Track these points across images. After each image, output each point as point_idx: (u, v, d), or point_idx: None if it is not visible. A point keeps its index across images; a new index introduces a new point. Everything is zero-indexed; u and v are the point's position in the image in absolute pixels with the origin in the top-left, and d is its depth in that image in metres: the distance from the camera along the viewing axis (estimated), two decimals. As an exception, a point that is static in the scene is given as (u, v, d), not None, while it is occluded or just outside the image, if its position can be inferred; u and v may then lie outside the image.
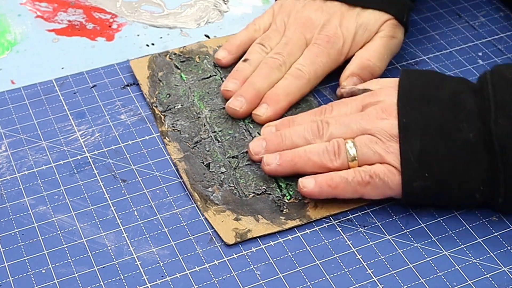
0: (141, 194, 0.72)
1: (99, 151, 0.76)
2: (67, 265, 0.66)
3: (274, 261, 0.66)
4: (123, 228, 0.69)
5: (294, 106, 0.78)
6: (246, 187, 0.71)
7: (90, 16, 0.92)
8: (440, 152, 0.66)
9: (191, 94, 0.80)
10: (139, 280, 0.65)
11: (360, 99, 0.72)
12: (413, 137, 0.67)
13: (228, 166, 0.73)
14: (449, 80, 0.71)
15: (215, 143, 0.75)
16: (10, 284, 0.65)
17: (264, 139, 0.73)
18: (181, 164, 0.73)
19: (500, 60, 0.84)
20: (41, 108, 0.80)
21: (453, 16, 0.91)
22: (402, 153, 0.67)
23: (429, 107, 0.68)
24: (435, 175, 0.66)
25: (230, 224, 0.68)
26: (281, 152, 0.71)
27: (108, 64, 0.85)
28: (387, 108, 0.69)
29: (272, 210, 0.69)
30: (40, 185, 0.72)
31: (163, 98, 0.79)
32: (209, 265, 0.66)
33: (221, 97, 0.79)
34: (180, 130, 0.76)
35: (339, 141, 0.69)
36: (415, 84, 0.70)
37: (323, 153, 0.69)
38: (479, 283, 0.64)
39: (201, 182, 0.71)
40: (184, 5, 0.94)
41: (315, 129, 0.71)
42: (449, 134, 0.66)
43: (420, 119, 0.67)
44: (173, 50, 0.84)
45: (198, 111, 0.78)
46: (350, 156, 0.68)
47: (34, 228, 0.69)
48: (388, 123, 0.68)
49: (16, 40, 0.89)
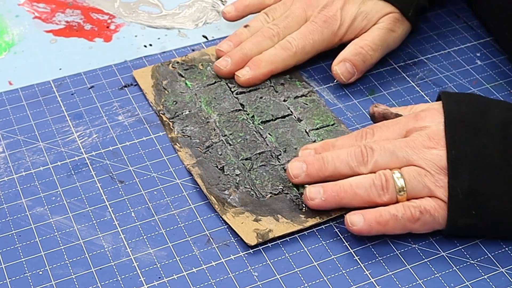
0: (138, 195, 0.72)
1: (96, 152, 0.76)
2: (64, 266, 0.66)
3: (271, 262, 0.66)
4: (121, 230, 0.69)
5: (298, 105, 0.78)
6: (263, 187, 0.71)
7: (88, 17, 0.92)
8: (489, 190, 0.64)
9: (197, 100, 0.79)
10: (136, 281, 0.65)
11: (403, 123, 0.69)
12: (462, 172, 0.64)
13: (243, 168, 0.72)
14: (495, 105, 0.68)
15: (227, 146, 0.74)
16: (7, 285, 0.65)
17: (304, 161, 0.69)
18: (195, 169, 0.72)
19: (498, 60, 0.84)
20: (38, 109, 0.80)
21: (452, 16, 0.91)
22: (450, 189, 0.64)
23: (478, 138, 0.65)
24: (482, 214, 0.64)
25: (251, 225, 0.68)
26: (325, 185, 0.68)
27: (105, 65, 0.85)
28: (434, 136, 0.66)
29: (291, 209, 0.69)
30: (38, 187, 0.72)
31: (169, 105, 0.79)
32: (206, 267, 0.66)
33: (229, 102, 0.79)
34: (190, 135, 0.76)
35: (386, 174, 0.66)
36: (461, 110, 0.67)
37: (370, 188, 0.66)
38: (477, 284, 0.64)
39: (216, 186, 0.71)
40: (182, 6, 0.94)
41: (359, 155, 0.68)
42: (499, 171, 0.64)
43: (469, 152, 0.64)
44: (175, 59, 0.84)
45: (207, 116, 0.77)
46: (398, 187, 0.66)
47: (31, 230, 0.69)
48: (436, 154, 0.65)
49: (13, 41, 0.89)
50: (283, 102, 0.79)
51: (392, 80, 0.83)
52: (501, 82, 0.82)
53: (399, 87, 0.82)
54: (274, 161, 0.73)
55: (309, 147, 0.71)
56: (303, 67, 0.84)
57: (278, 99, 0.79)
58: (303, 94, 0.80)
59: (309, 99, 0.79)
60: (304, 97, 0.80)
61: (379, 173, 0.67)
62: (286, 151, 0.74)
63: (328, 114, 0.78)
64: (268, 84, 0.81)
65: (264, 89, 0.80)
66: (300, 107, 0.78)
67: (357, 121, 0.78)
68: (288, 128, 0.76)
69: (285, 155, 0.73)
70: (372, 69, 0.84)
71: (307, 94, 0.80)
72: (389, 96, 0.81)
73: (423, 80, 0.82)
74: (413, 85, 0.82)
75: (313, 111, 0.78)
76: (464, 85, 0.82)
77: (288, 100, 0.79)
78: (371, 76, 0.83)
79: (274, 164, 0.73)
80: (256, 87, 0.81)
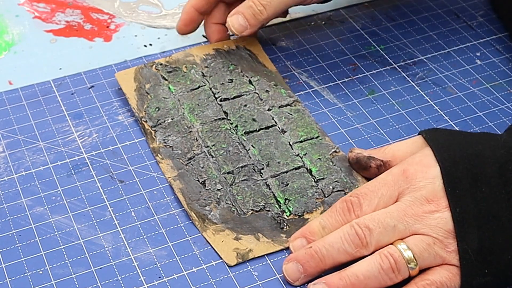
0: (138, 195, 0.72)
1: (96, 152, 0.76)
2: (64, 266, 0.66)
3: (271, 262, 0.66)
4: (121, 229, 0.69)
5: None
6: (244, 204, 0.69)
7: (88, 16, 0.92)
8: (498, 246, 0.61)
9: (180, 106, 0.77)
10: (137, 281, 0.65)
11: (392, 185, 0.64)
12: (470, 231, 0.61)
13: (224, 182, 0.71)
14: (488, 145, 0.64)
15: (209, 158, 0.73)
16: (8, 285, 0.65)
17: (298, 261, 0.63)
18: (176, 183, 0.71)
19: (498, 60, 0.84)
20: (38, 109, 0.80)
21: (451, 16, 0.91)
22: (461, 252, 0.61)
23: (479, 189, 0.61)
24: (495, 270, 0.61)
25: (231, 244, 0.67)
26: (329, 282, 0.62)
27: (105, 65, 0.85)
28: (432, 197, 0.62)
29: (272, 228, 0.68)
30: (38, 186, 0.72)
31: (152, 112, 0.77)
32: (206, 266, 0.66)
33: (212, 109, 0.77)
34: (172, 146, 0.74)
35: (392, 253, 0.61)
36: (455, 157, 0.63)
37: (380, 274, 0.61)
38: (477, 283, 0.64)
39: (197, 201, 0.70)
40: (182, 6, 0.94)
41: (356, 239, 0.62)
42: (506, 223, 0.61)
43: (473, 207, 0.61)
44: (159, 61, 0.82)
45: (189, 124, 0.76)
46: (406, 259, 0.61)
47: (31, 229, 0.69)
48: (440, 218, 0.61)
49: (13, 40, 0.89)
50: (267, 111, 0.77)
51: (392, 80, 0.83)
52: (501, 82, 0.82)
53: (399, 87, 0.82)
54: (257, 176, 0.71)
55: (297, 236, 0.65)
56: (303, 66, 0.84)
57: (263, 108, 0.77)
58: (288, 104, 0.78)
59: (293, 109, 0.78)
60: (289, 106, 0.78)
61: (385, 254, 0.61)
62: (269, 165, 0.72)
63: (313, 126, 0.76)
64: (252, 91, 0.79)
65: (249, 96, 0.78)
66: (284, 118, 0.77)
67: (357, 121, 0.78)
68: (272, 140, 0.74)
69: (268, 169, 0.72)
70: (372, 69, 0.84)
71: (292, 103, 0.78)
72: (389, 96, 0.81)
73: (423, 80, 0.83)
74: (413, 85, 0.82)
75: (298, 122, 0.76)
76: (464, 85, 0.82)
77: (272, 109, 0.77)
78: (371, 76, 0.83)
79: (256, 179, 0.71)
80: (240, 93, 0.79)
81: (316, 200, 0.69)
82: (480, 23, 0.90)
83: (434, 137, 0.66)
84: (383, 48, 0.87)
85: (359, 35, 0.89)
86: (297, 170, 0.72)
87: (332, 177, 0.71)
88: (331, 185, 0.70)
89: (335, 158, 0.73)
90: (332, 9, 0.92)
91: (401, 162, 0.66)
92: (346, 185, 0.70)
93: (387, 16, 0.91)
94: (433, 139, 0.65)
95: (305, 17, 0.91)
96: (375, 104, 0.80)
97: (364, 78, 0.83)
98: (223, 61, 0.82)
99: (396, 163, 0.67)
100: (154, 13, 0.93)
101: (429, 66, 0.84)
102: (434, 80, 0.82)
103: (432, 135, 0.66)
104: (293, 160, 0.73)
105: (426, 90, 0.81)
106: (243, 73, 0.81)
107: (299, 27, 0.90)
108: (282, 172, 0.72)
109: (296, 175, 0.71)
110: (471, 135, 0.66)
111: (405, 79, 0.83)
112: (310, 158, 0.73)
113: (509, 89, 0.81)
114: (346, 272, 0.62)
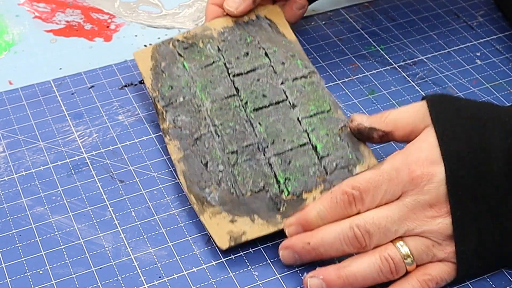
0: (138, 195, 0.72)
1: (96, 152, 0.76)
2: (64, 266, 0.66)
3: (271, 261, 0.66)
4: (121, 229, 0.69)
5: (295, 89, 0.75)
6: (244, 184, 0.69)
7: (88, 16, 0.92)
8: (495, 243, 0.62)
9: (193, 84, 0.77)
10: (137, 281, 0.65)
11: (397, 183, 0.63)
12: (469, 234, 0.61)
13: (227, 163, 0.70)
14: (497, 130, 0.63)
15: (215, 138, 0.72)
16: (8, 285, 0.65)
17: (296, 252, 0.64)
18: (180, 165, 0.71)
19: (498, 60, 0.84)
20: (38, 109, 0.80)
21: (451, 16, 0.91)
22: (458, 253, 0.62)
23: (482, 189, 0.61)
24: (490, 263, 0.63)
25: (225, 227, 0.67)
26: (327, 280, 0.62)
27: (106, 65, 0.85)
28: (435, 202, 0.62)
29: (269, 209, 0.67)
30: (38, 186, 0.72)
31: (165, 91, 0.77)
32: (206, 266, 0.66)
33: (224, 86, 0.76)
34: (181, 126, 0.74)
35: (393, 256, 0.62)
36: (461, 151, 0.62)
37: (378, 276, 0.62)
38: (477, 284, 0.64)
39: (198, 183, 0.69)
40: (182, 6, 0.94)
41: (355, 242, 0.62)
42: (506, 223, 0.61)
43: (474, 208, 0.61)
44: (176, 37, 0.81)
45: (199, 103, 0.75)
46: (403, 254, 0.62)
47: (31, 229, 0.69)
48: (442, 223, 0.62)
49: (14, 40, 0.89)
50: (280, 85, 0.76)
51: (392, 79, 0.83)
52: (501, 81, 0.82)
53: (399, 86, 0.82)
54: (260, 155, 0.71)
55: (292, 223, 0.65)
56: (303, 66, 0.84)
57: (275, 82, 0.76)
58: (302, 76, 0.76)
59: (308, 81, 0.76)
60: (303, 78, 0.76)
61: (385, 257, 0.62)
62: (274, 143, 0.71)
63: (325, 98, 0.74)
64: (267, 64, 0.78)
65: (263, 69, 0.77)
66: (296, 91, 0.75)
67: (357, 121, 0.78)
68: (280, 115, 0.73)
69: (272, 147, 0.71)
70: (372, 69, 0.84)
71: (307, 75, 0.77)
72: (389, 95, 0.81)
73: (423, 80, 0.83)
74: (413, 84, 0.82)
75: (310, 95, 0.75)
76: (464, 84, 0.82)
77: (286, 83, 0.76)
78: (371, 75, 0.83)
79: (259, 159, 0.70)
80: (254, 67, 0.77)
81: (317, 178, 0.69)
82: (480, 23, 0.90)
83: (440, 115, 0.64)
84: (383, 48, 0.87)
85: (359, 35, 0.89)
86: (302, 148, 0.71)
87: (337, 153, 0.70)
88: (334, 162, 0.69)
89: (343, 133, 0.71)
90: (332, 9, 0.92)
91: (407, 151, 0.64)
92: (351, 162, 0.69)
93: (387, 16, 0.91)
94: (438, 118, 0.64)
95: (305, 17, 0.91)
96: (375, 104, 0.80)
97: (364, 78, 0.83)
98: (240, 34, 0.81)
99: (400, 133, 0.67)
100: (154, 13, 0.93)
101: (429, 66, 0.84)
102: (434, 80, 0.82)
103: (437, 110, 0.65)
104: (299, 137, 0.71)
105: (426, 90, 0.81)
106: (259, 45, 0.80)
107: (299, 27, 0.90)
108: (286, 150, 0.71)
109: (300, 153, 0.70)
110: (478, 110, 0.64)
111: (405, 79, 0.83)
112: (317, 134, 0.71)
113: (509, 89, 0.81)
114: (344, 271, 0.62)
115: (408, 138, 0.66)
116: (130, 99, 0.81)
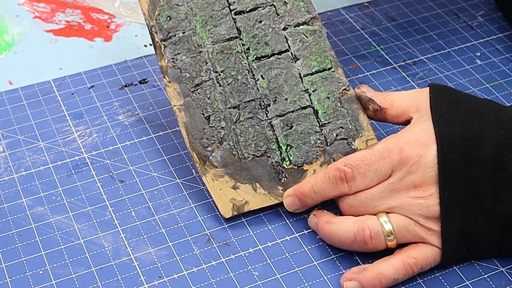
0: (138, 195, 0.72)
1: (96, 152, 0.76)
2: (64, 266, 0.66)
3: (271, 261, 0.66)
4: (121, 229, 0.69)
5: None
6: (246, 146, 0.70)
7: (88, 16, 0.92)
8: (479, 228, 0.63)
9: (193, 17, 0.74)
10: (137, 281, 0.65)
11: (387, 161, 0.65)
12: (454, 215, 0.63)
13: (229, 119, 0.70)
14: (490, 122, 0.64)
15: (217, 87, 0.71)
16: (8, 285, 0.65)
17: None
18: (181, 114, 0.70)
19: (498, 60, 0.84)
20: (39, 109, 0.80)
21: (451, 16, 0.91)
22: (444, 236, 0.63)
23: (471, 173, 0.63)
24: (473, 248, 0.64)
25: (228, 194, 0.68)
26: (314, 228, 0.68)
27: (106, 65, 0.85)
28: (421, 183, 0.64)
29: (271, 178, 0.69)
30: (38, 186, 0.72)
31: (163, 22, 0.74)
32: (206, 266, 0.66)
33: (225, 25, 0.74)
34: (181, 67, 0.72)
35: (371, 227, 0.64)
36: (454, 135, 0.63)
37: (352, 241, 0.65)
38: (477, 283, 0.64)
39: (200, 140, 0.70)
40: (182, 6, 0.94)
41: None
42: (490, 208, 0.63)
43: (461, 190, 0.63)
44: None
45: (200, 42, 0.73)
46: (386, 231, 0.64)
47: (31, 229, 0.69)
48: (423, 205, 0.63)
49: (14, 40, 0.89)
50: (282, 31, 0.74)
51: (392, 79, 0.83)
52: (501, 82, 0.82)
53: (399, 86, 0.82)
54: (262, 114, 0.71)
55: (289, 194, 0.69)
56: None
57: (278, 27, 0.74)
58: (305, 21, 0.75)
59: (310, 29, 0.75)
60: (306, 25, 0.75)
61: (363, 226, 0.64)
62: (276, 101, 0.71)
63: (327, 54, 0.74)
64: (269, 3, 0.75)
65: (265, 9, 0.75)
66: (299, 41, 0.74)
67: (357, 121, 0.78)
68: (283, 69, 0.73)
69: (274, 107, 0.71)
70: (372, 69, 0.84)
71: (309, 21, 0.75)
72: (389, 95, 0.81)
73: (423, 80, 0.83)
74: (413, 84, 0.82)
75: (312, 48, 0.74)
76: (464, 84, 0.82)
77: (288, 28, 0.75)
78: (371, 75, 0.83)
79: (261, 119, 0.71)
80: (257, 5, 0.75)
81: (317, 149, 0.70)
82: (480, 23, 0.90)
83: (439, 102, 0.66)
84: (383, 48, 0.87)
85: (359, 35, 0.89)
86: (304, 111, 0.71)
87: (337, 122, 0.71)
88: (335, 132, 0.71)
89: (344, 97, 0.72)
90: (332, 9, 0.92)
91: (400, 134, 0.66)
92: (351, 133, 0.71)
93: (387, 16, 0.91)
94: (437, 104, 0.66)
95: (305, 17, 0.91)
96: (375, 104, 0.80)
97: (364, 78, 0.83)
98: None
99: (392, 112, 0.69)
100: (154, 13, 0.93)
101: (429, 66, 0.84)
102: (434, 80, 0.82)
103: (438, 97, 0.66)
104: (301, 97, 0.72)
105: (426, 90, 0.81)
106: None
107: (299, 27, 0.89)
108: (288, 111, 0.71)
109: (301, 117, 0.71)
110: (477, 104, 0.66)
111: (405, 79, 0.83)
112: (318, 96, 0.72)
113: (509, 89, 0.81)
114: (328, 226, 0.66)
115: (398, 119, 0.69)
116: (130, 99, 0.81)
